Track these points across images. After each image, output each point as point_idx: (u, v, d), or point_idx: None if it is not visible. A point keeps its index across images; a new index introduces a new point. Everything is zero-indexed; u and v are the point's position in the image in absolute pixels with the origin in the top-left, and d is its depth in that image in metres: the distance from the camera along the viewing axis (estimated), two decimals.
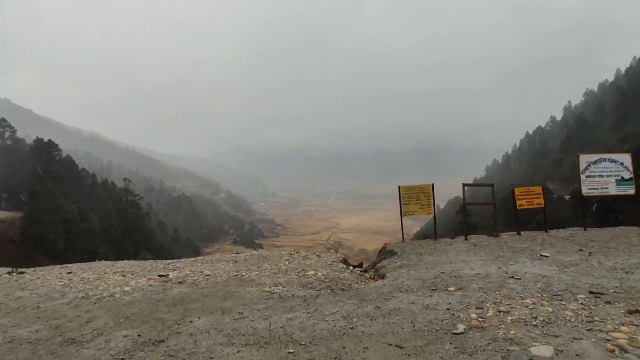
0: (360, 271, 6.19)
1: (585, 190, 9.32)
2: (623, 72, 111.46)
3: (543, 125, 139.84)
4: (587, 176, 9.33)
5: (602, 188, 9.35)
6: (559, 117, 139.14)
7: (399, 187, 8.76)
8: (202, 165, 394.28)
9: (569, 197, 50.23)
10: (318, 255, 6.78)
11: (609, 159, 9.37)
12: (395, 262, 6.12)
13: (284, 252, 7.27)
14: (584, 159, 9.34)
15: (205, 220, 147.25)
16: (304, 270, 5.63)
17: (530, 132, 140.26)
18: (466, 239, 8.57)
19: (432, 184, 8.79)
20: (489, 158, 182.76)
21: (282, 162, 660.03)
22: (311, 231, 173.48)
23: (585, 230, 9.02)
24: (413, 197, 8.67)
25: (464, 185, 9.25)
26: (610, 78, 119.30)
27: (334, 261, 6.36)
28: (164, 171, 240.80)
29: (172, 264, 6.75)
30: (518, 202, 9.00)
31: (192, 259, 7.13)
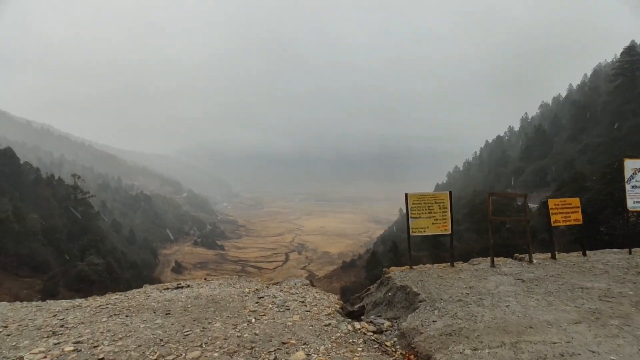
0: (373, 333, 3.83)
1: (630, 204, 7.45)
2: (575, 87, 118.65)
3: (502, 134, 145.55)
4: (632, 186, 7.49)
5: None
6: (516, 128, 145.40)
7: (406, 194, 6.53)
8: (163, 163, 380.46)
9: (537, 207, 50.36)
10: (302, 300, 4.36)
11: None
12: (432, 320, 3.86)
13: (247, 291, 4.78)
14: (630, 164, 7.48)
15: (164, 220, 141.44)
16: (284, 344, 3.20)
17: (490, 140, 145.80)
18: (493, 265, 6.46)
19: (450, 192, 6.63)
20: (450, 164, 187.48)
21: (246, 162, 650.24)
22: (274, 232, 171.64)
23: (630, 253, 7.19)
24: (424, 208, 6.46)
25: (490, 195, 7.11)
26: (564, 93, 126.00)
27: (329, 313, 3.99)
28: (122, 168, 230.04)
29: (56, 317, 4.08)
30: (553, 218, 7.00)
31: (98, 302, 4.48)
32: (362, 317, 4.62)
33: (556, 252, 7.00)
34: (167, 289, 5.12)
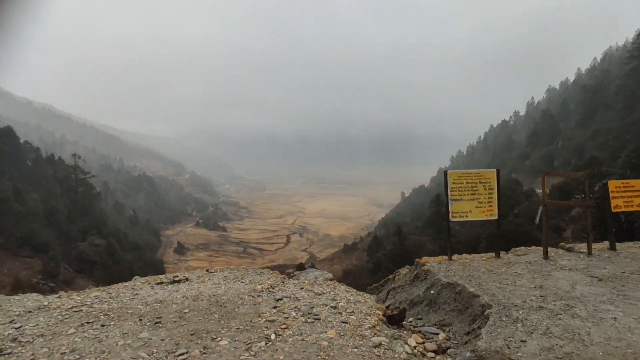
0: (435, 354, 2.85)
1: None
2: (584, 71, 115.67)
3: (507, 119, 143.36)
4: None
5: None
6: (522, 112, 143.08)
7: (445, 172, 5.49)
8: (166, 145, 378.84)
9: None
10: (333, 305, 3.32)
11: None
12: (520, 339, 2.83)
13: (260, 289, 3.73)
14: None
15: (167, 201, 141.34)
16: None
17: (495, 125, 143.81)
18: (546, 257, 5.47)
19: (498, 170, 5.58)
20: (453, 149, 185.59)
21: (249, 145, 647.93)
22: (276, 215, 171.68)
23: None
24: (466, 189, 5.43)
25: (546, 174, 6.01)
26: (571, 77, 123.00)
27: (373, 325, 2.98)
28: (124, 149, 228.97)
29: (12, 324, 3.06)
30: (613, 203, 5.98)
31: (71, 302, 3.44)
32: (404, 322, 3.66)
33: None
34: (161, 283, 4.15)
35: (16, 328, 2.91)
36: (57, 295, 3.76)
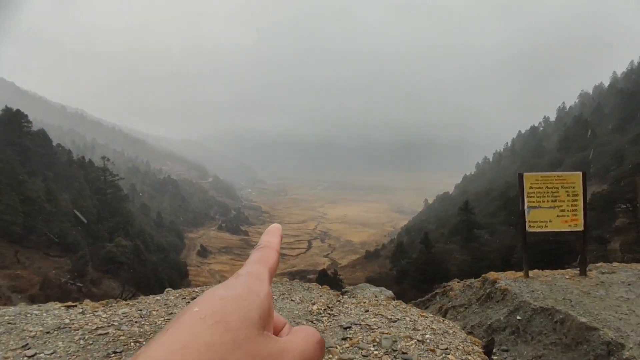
0: None
1: None
2: (619, 75, 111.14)
3: (536, 125, 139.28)
4: None
5: None
6: (552, 118, 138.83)
7: (520, 175, 4.72)
8: (189, 148, 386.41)
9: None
10: (420, 339, 2.58)
11: None
12: None
13: (315, 310, 3.01)
14: None
15: (191, 204, 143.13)
16: None
17: (523, 131, 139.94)
18: None
19: (584, 173, 4.78)
20: (478, 155, 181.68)
21: (271, 149, 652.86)
22: (297, 220, 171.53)
23: None
24: (546, 194, 4.64)
25: None
26: (606, 82, 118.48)
27: None
28: (150, 153, 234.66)
29: None
30: None
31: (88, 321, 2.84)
32: (494, 355, 2.93)
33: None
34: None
35: (29, 357, 2.35)
36: (80, 311, 3.20)
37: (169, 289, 4.07)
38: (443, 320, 3.16)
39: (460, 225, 52.86)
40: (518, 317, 3.59)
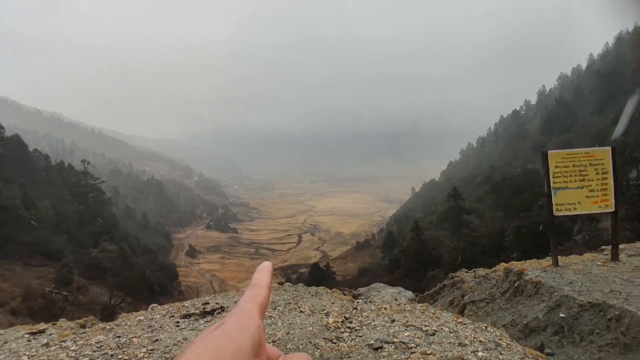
0: None
1: None
2: (596, 56, 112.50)
3: (517, 109, 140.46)
4: None
5: None
6: (533, 101, 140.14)
7: (544, 153, 4.26)
8: (173, 147, 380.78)
9: None
10: (465, 358, 2.09)
11: None
12: None
13: (331, 324, 2.45)
14: None
15: (176, 204, 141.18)
16: None
17: (505, 115, 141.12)
18: None
19: (613, 148, 4.34)
20: (463, 141, 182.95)
21: (257, 144, 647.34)
22: (286, 214, 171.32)
23: None
24: (574, 174, 4.19)
25: None
26: (583, 64, 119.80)
27: None
28: (132, 154, 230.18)
29: None
30: None
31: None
32: None
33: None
34: (189, 316, 2.97)
35: None
36: (44, 342, 2.59)
37: (154, 305, 3.48)
38: (486, 327, 2.67)
39: (449, 211, 53.03)
40: (562, 315, 3.13)
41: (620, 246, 5.20)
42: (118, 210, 78.27)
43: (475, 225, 45.96)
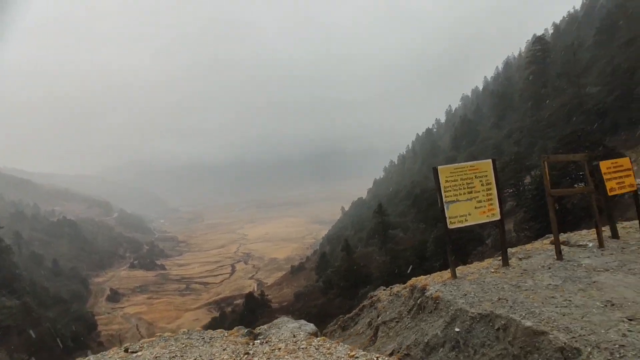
0: None
1: None
2: (489, 79, 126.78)
3: (430, 127, 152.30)
4: None
5: None
6: (443, 120, 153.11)
7: (435, 168, 4.40)
8: (89, 183, 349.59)
9: None
10: None
11: None
12: None
13: None
14: None
15: (95, 245, 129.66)
16: None
17: (420, 134, 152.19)
18: (560, 257, 4.57)
19: (494, 160, 4.63)
20: (386, 159, 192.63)
21: (182, 176, 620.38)
22: (218, 245, 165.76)
23: None
24: (462, 187, 4.39)
25: (546, 158, 5.13)
26: (481, 85, 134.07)
27: None
28: (39, 193, 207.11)
29: None
30: (608, 186, 5.32)
31: None
32: None
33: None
34: None
35: None
36: None
37: None
38: (377, 358, 2.56)
39: (376, 227, 54.71)
40: (456, 329, 3.15)
41: (513, 250, 5.56)
42: (21, 258, 70.09)
43: (400, 239, 47.75)
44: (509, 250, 5.57)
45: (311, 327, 3.28)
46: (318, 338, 3.00)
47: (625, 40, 44.06)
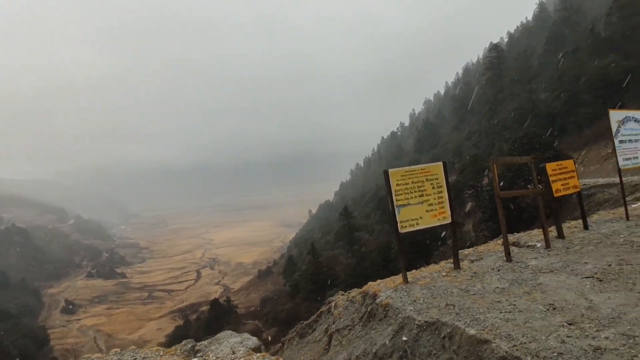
0: None
1: (621, 162, 6.31)
2: (450, 84, 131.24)
3: (395, 130, 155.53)
4: (620, 141, 6.37)
5: (635, 158, 6.53)
6: (407, 123, 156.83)
7: (385, 172, 4.33)
8: (41, 189, 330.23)
9: None
10: None
11: (633, 118, 6.60)
12: None
13: None
14: (614, 116, 6.35)
15: (48, 254, 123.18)
16: None
17: (385, 137, 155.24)
18: (510, 258, 4.63)
19: (444, 163, 4.63)
20: (352, 163, 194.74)
21: (142, 180, 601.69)
22: (182, 250, 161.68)
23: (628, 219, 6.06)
24: (413, 190, 4.34)
25: (495, 161, 5.20)
26: (442, 90, 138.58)
27: None
28: None
29: None
30: (554, 187, 5.47)
31: None
32: None
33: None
34: None
35: None
36: None
37: None
38: None
39: (342, 230, 55.07)
40: (404, 338, 3.06)
41: (466, 251, 5.60)
42: None
43: (365, 241, 48.16)
44: (463, 252, 5.61)
45: (253, 341, 3.10)
46: (258, 354, 2.83)
47: (570, 49, 46.62)
